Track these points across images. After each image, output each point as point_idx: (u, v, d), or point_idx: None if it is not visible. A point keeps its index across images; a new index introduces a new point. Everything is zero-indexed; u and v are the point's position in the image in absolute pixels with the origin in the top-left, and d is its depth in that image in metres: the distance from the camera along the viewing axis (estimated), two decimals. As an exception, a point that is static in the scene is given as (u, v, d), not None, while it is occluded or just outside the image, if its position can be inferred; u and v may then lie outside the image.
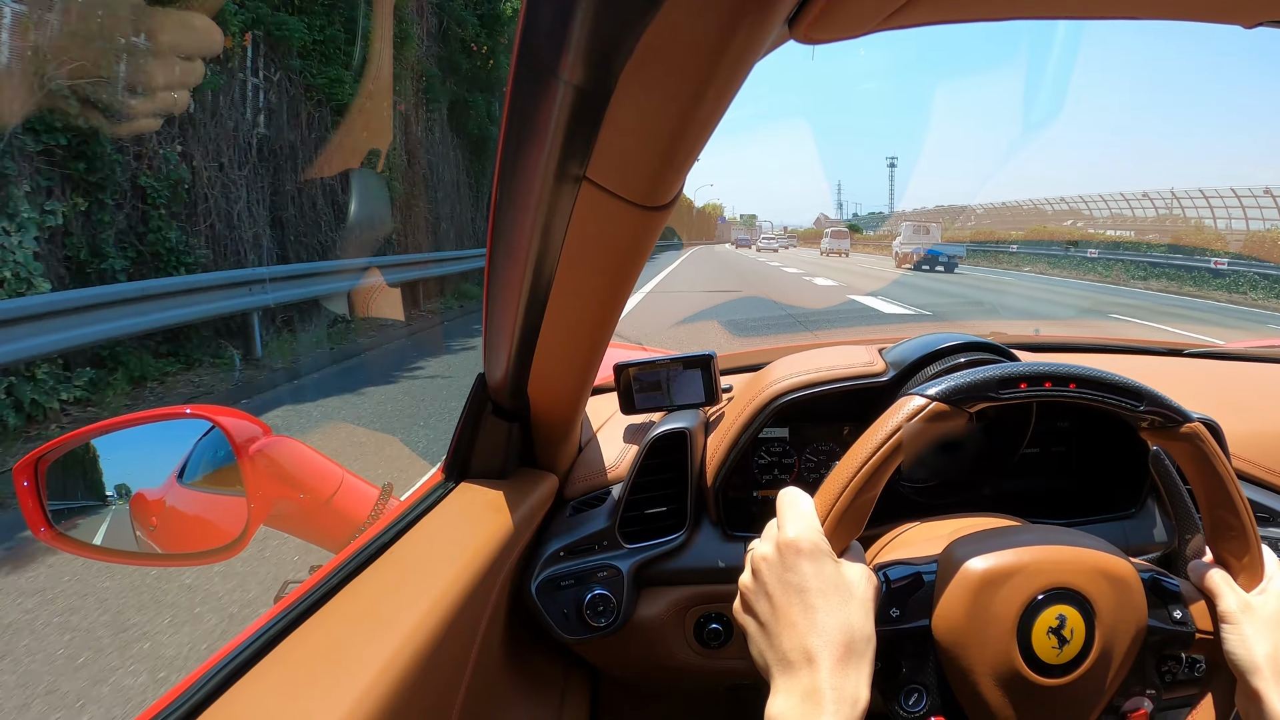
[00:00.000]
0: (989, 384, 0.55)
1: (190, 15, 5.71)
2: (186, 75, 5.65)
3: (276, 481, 0.80)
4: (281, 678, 0.48)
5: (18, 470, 0.77)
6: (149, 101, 5.36)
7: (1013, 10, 0.37)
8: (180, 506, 0.84)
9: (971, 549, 0.56)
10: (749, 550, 0.57)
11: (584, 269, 0.54)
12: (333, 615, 0.55)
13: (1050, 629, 0.53)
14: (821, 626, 0.50)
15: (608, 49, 0.34)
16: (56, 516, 0.79)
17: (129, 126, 5.63)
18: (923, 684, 0.55)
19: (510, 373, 0.68)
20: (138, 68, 5.10)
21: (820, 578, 0.52)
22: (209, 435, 0.82)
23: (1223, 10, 0.38)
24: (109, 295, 4.80)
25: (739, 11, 0.31)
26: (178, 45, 5.33)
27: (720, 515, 0.86)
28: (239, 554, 0.76)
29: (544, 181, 0.44)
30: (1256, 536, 0.57)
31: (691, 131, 0.40)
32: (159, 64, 5.20)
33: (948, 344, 0.83)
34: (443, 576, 0.60)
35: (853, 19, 0.34)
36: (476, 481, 0.78)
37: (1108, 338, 1.43)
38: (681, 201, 0.50)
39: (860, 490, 0.53)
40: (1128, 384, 0.55)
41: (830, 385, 0.84)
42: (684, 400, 0.91)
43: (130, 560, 0.89)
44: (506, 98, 0.42)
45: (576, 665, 0.91)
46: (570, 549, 0.82)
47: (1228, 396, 1.10)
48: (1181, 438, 0.55)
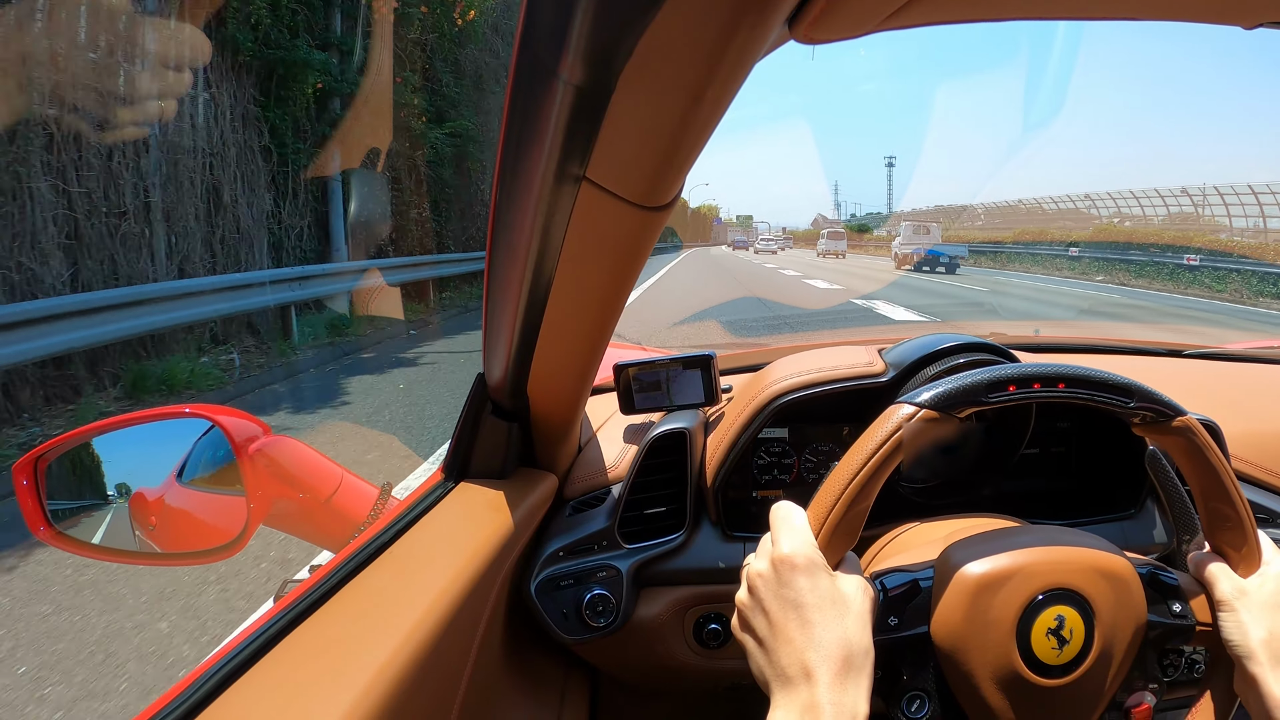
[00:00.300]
0: (977, 388, 0.54)
1: (178, 25, 5.73)
2: (173, 85, 5.67)
3: (276, 481, 0.80)
4: (281, 677, 0.48)
5: (17, 469, 0.77)
6: (136, 110, 5.38)
7: (1013, 10, 0.37)
8: (180, 506, 0.84)
9: (967, 553, 0.56)
10: (744, 566, 0.57)
11: (584, 269, 0.54)
12: (332, 614, 0.55)
13: (1049, 630, 0.53)
14: (819, 641, 0.50)
15: (608, 49, 0.34)
16: (56, 516, 0.79)
17: (115, 135, 5.65)
18: (924, 690, 0.55)
19: (510, 373, 0.68)
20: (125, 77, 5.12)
21: (816, 592, 0.52)
22: (208, 434, 0.81)
23: (1223, 11, 0.38)
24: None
25: (739, 12, 0.31)
26: (165, 55, 5.34)
27: (720, 515, 0.86)
28: (239, 553, 0.76)
29: (544, 181, 0.44)
30: (1253, 526, 0.57)
31: (691, 132, 0.40)
32: (146, 74, 5.21)
33: (947, 345, 0.83)
34: (442, 576, 0.60)
35: (853, 19, 0.34)
36: (476, 481, 0.78)
37: (1107, 338, 1.43)
38: (678, 203, 0.50)
39: (853, 502, 0.53)
40: (1117, 381, 0.55)
41: (830, 386, 0.84)
42: (684, 400, 0.91)
43: (130, 560, 0.89)
44: (507, 98, 0.42)
45: (576, 665, 0.91)
46: (570, 549, 0.82)
47: (1227, 397, 1.10)
48: (1174, 432, 0.55)
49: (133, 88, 5.11)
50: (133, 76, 5.05)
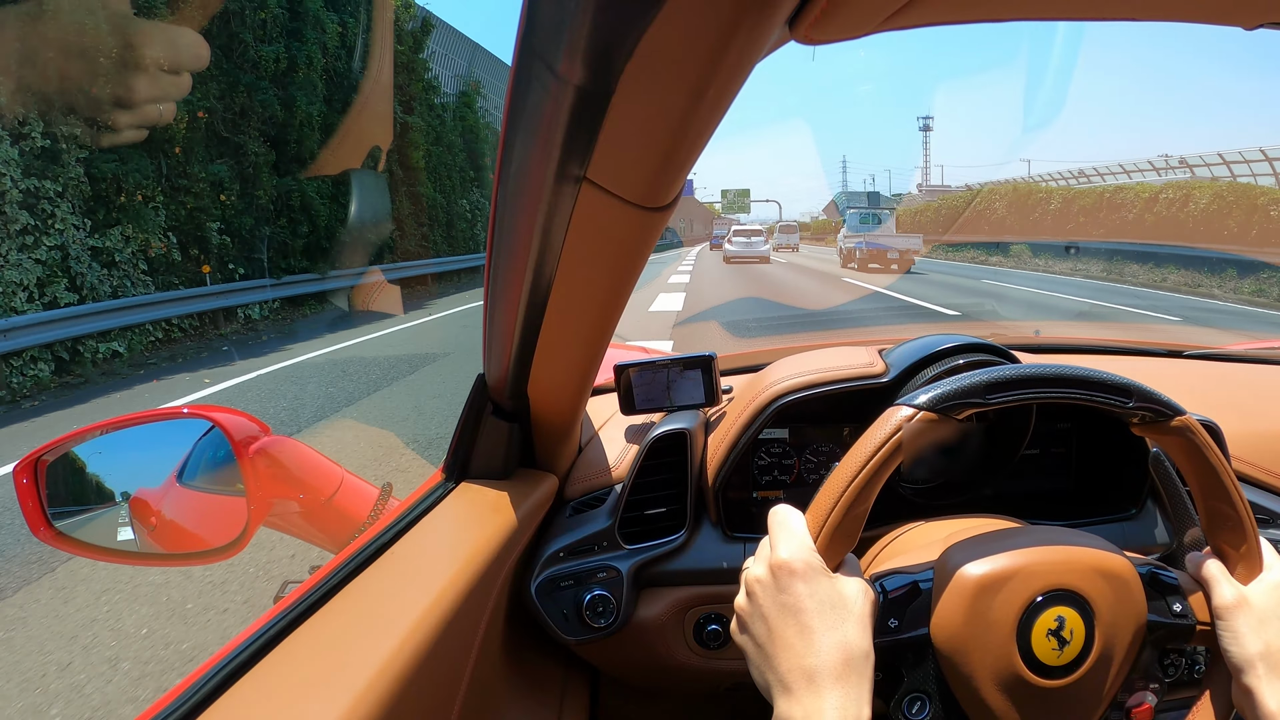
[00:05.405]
0: (977, 389, 0.54)
1: (177, 30, 5.73)
2: (172, 88, 5.67)
3: (276, 481, 0.80)
4: (281, 678, 0.48)
5: (18, 470, 0.77)
6: (135, 114, 5.38)
7: (1013, 11, 0.37)
8: (180, 506, 0.84)
9: (967, 554, 0.55)
10: (743, 570, 0.57)
11: (584, 270, 0.54)
12: (332, 615, 0.55)
13: (1050, 631, 0.53)
14: (818, 647, 0.50)
15: (608, 49, 0.34)
16: (57, 516, 0.79)
17: (115, 138, 5.65)
18: (925, 692, 0.55)
19: (510, 373, 0.68)
20: (124, 81, 5.11)
21: (815, 598, 0.52)
22: (208, 435, 0.82)
23: (1223, 11, 0.38)
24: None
25: (739, 12, 0.31)
26: (164, 59, 5.34)
27: (720, 516, 0.86)
28: (239, 554, 0.76)
29: (544, 182, 0.44)
30: (1254, 526, 0.57)
31: (692, 132, 0.40)
32: (145, 77, 5.21)
33: (947, 345, 0.83)
34: (442, 577, 0.60)
35: (853, 20, 0.34)
36: (476, 482, 0.78)
37: (1108, 339, 1.43)
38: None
39: (851, 504, 0.53)
40: (1116, 381, 0.55)
41: (830, 386, 0.84)
42: (684, 401, 0.91)
43: (130, 560, 0.89)
44: (507, 98, 0.42)
45: (576, 665, 0.91)
46: (570, 549, 0.82)
47: (1227, 397, 1.10)
48: (1173, 431, 0.55)
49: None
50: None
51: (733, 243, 24.72)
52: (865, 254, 20.38)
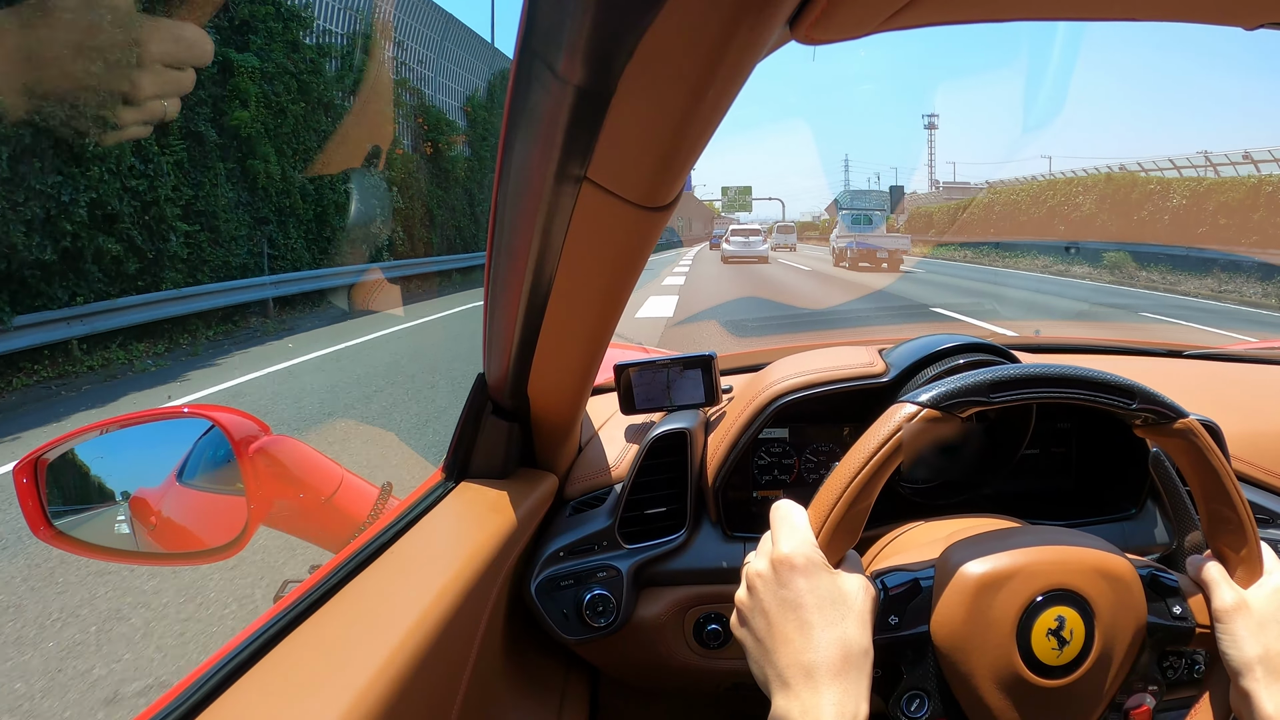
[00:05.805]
0: (980, 388, 0.54)
1: (181, 25, 5.71)
2: (176, 84, 5.65)
3: (276, 481, 0.80)
4: (281, 677, 0.48)
5: (18, 470, 0.77)
6: (139, 110, 5.36)
7: (1013, 11, 0.37)
8: (180, 506, 0.84)
9: (968, 552, 0.56)
10: (744, 565, 0.57)
11: (584, 269, 0.54)
12: (332, 615, 0.55)
13: (1050, 630, 0.53)
14: (818, 643, 0.50)
15: (608, 49, 0.34)
16: (56, 516, 0.79)
17: (119, 135, 5.61)
18: (924, 689, 0.55)
19: (510, 372, 0.68)
20: (128, 77, 5.08)
21: (815, 593, 0.52)
22: (208, 434, 0.82)
23: (1223, 12, 0.38)
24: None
25: (740, 12, 0.31)
26: (168, 55, 5.32)
27: (720, 515, 0.86)
28: (238, 553, 0.76)
29: (544, 182, 0.44)
30: (1254, 529, 0.57)
31: (692, 132, 0.40)
32: (149, 73, 5.19)
33: (948, 345, 0.83)
34: (442, 576, 0.60)
35: (854, 20, 0.34)
36: (476, 481, 0.78)
37: (1108, 339, 1.43)
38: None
39: (854, 501, 0.53)
40: (1119, 382, 0.55)
41: (830, 386, 0.84)
42: (684, 401, 0.91)
43: (130, 560, 0.89)
44: (507, 98, 0.42)
45: (576, 665, 0.91)
46: (570, 549, 0.82)
47: (1227, 397, 1.10)
48: (1175, 434, 0.55)
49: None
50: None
51: (730, 242, 24.25)
52: (856, 253, 20.87)
